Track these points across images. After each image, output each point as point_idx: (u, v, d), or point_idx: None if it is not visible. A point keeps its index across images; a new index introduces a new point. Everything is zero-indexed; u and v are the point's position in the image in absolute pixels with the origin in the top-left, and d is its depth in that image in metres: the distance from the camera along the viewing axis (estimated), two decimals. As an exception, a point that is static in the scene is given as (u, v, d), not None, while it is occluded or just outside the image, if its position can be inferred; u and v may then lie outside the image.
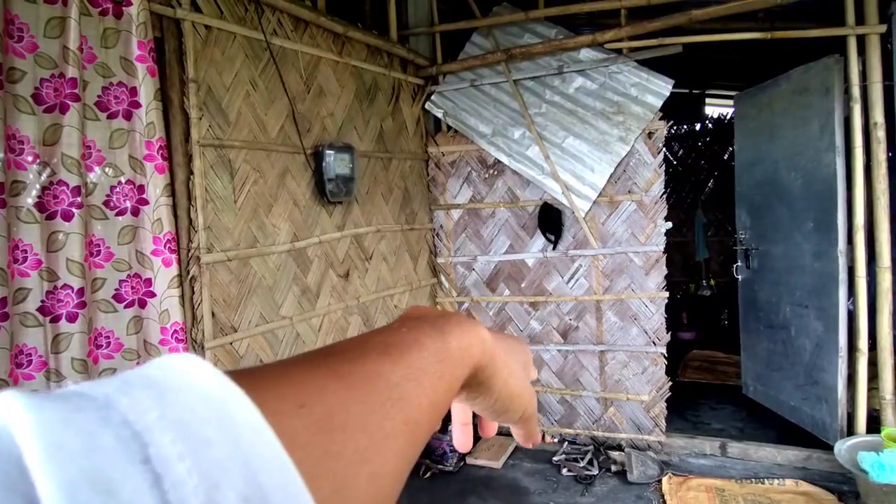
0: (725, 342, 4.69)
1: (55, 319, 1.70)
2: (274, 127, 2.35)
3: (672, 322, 5.05)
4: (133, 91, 1.83)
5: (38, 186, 1.64)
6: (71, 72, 1.65)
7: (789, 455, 2.97)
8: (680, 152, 6.20)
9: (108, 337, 1.90)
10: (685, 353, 4.75)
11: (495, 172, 3.26)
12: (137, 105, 1.84)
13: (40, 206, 1.64)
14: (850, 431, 2.82)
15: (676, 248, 5.89)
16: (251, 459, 0.16)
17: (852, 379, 2.84)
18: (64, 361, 1.73)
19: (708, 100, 5.99)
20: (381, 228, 2.98)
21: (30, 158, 1.62)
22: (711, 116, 6.08)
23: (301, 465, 0.16)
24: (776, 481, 2.81)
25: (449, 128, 3.33)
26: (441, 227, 3.42)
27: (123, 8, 1.79)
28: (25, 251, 1.62)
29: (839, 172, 2.81)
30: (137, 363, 1.97)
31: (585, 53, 3.04)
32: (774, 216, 3.29)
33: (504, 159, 3.16)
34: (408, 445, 0.23)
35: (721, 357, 4.59)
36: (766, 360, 3.45)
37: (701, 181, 6.11)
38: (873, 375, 2.80)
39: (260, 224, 2.29)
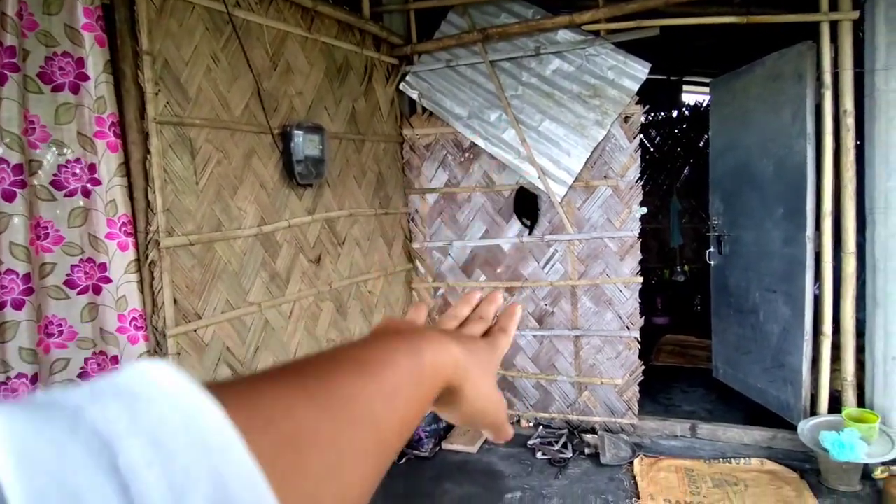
0: (698, 327, 4.77)
1: (0, 307, 1.60)
2: (238, 105, 2.24)
3: (647, 307, 5.12)
4: (80, 62, 1.71)
5: (-25, 164, 1.52)
6: (9, 40, 1.53)
7: (755, 435, 3.04)
8: (657, 139, 6.24)
9: (59, 325, 1.81)
10: (659, 337, 4.82)
11: (471, 156, 3.20)
12: (85, 77, 1.72)
13: (-21, 185, 1.53)
14: (814, 412, 2.90)
15: (652, 235, 5.96)
16: (220, 468, 0.16)
17: (816, 361, 2.91)
18: (11, 351, 1.64)
19: (685, 87, 6.02)
20: (354, 212, 2.90)
21: (-35, 134, 1.50)
22: (688, 104, 6.12)
23: (268, 479, 0.17)
24: (742, 461, 2.88)
25: (424, 110, 3.25)
26: (416, 211, 3.36)
27: (68, -29, 1.67)
28: (-36, 234, 1.51)
29: (810, 159, 2.84)
30: (94, 352, 1.88)
31: (563, 35, 2.99)
32: (746, 202, 3.32)
33: (480, 142, 3.10)
34: (377, 462, 0.24)
35: (693, 341, 4.68)
36: (736, 344, 3.52)
37: (677, 168, 6.18)
38: (836, 358, 2.88)
39: (224, 207, 2.19)
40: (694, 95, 6.15)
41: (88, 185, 1.77)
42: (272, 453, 0.18)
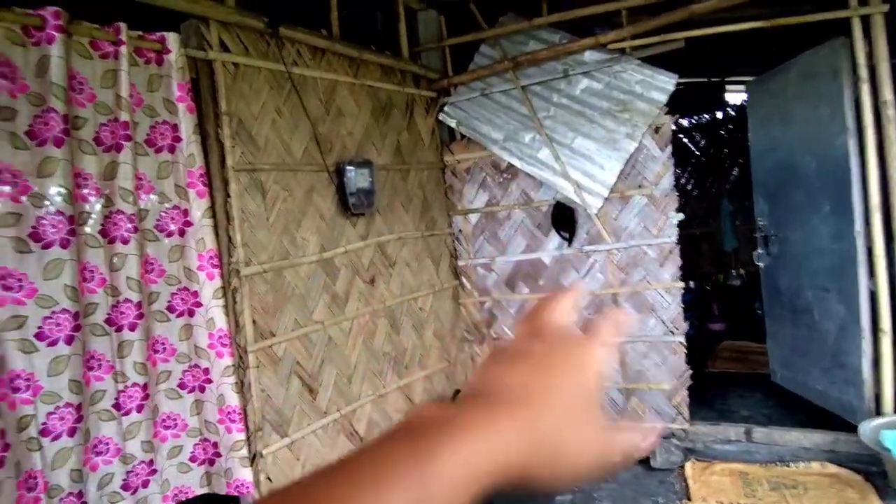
0: (758, 332, 4.63)
1: (119, 329, 1.97)
2: (298, 149, 2.58)
3: (703, 314, 5.03)
4: (175, 127, 2.09)
5: (100, 215, 1.91)
6: (124, 116, 1.91)
7: (816, 438, 2.97)
8: (702, 142, 6.16)
9: (163, 343, 2.16)
10: (717, 344, 4.72)
11: (509, 176, 3.40)
12: (179, 139, 2.10)
13: (103, 232, 1.91)
14: (879, 412, 2.80)
15: (705, 239, 5.85)
16: None
17: (877, 360, 2.82)
18: (128, 365, 1.99)
19: (728, 87, 5.92)
20: (403, 236, 3.17)
21: (94, 192, 1.90)
22: (733, 104, 6.01)
23: None
24: (802, 464, 2.81)
25: (462, 136, 3.49)
26: (460, 231, 3.59)
27: (164, 56, 2.06)
28: (92, 271, 1.89)
29: (852, 153, 2.81)
30: (189, 366, 2.22)
31: (589, 55, 3.15)
32: (791, 201, 3.29)
33: (516, 163, 3.30)
34: None
35: (753, 347, 4.53)
36: (792, 346, 3.44)
37: (725, 169, 6.05)
38: (901, 356, 2.77)
39: (291, 238, 2.52)
40: (739, 95, 6.04)
41: (183, 227, 2.13)
42: None
